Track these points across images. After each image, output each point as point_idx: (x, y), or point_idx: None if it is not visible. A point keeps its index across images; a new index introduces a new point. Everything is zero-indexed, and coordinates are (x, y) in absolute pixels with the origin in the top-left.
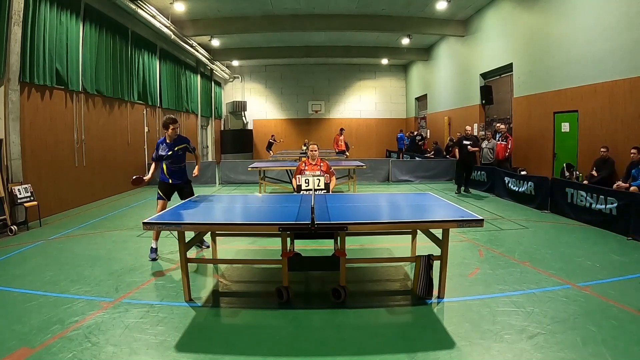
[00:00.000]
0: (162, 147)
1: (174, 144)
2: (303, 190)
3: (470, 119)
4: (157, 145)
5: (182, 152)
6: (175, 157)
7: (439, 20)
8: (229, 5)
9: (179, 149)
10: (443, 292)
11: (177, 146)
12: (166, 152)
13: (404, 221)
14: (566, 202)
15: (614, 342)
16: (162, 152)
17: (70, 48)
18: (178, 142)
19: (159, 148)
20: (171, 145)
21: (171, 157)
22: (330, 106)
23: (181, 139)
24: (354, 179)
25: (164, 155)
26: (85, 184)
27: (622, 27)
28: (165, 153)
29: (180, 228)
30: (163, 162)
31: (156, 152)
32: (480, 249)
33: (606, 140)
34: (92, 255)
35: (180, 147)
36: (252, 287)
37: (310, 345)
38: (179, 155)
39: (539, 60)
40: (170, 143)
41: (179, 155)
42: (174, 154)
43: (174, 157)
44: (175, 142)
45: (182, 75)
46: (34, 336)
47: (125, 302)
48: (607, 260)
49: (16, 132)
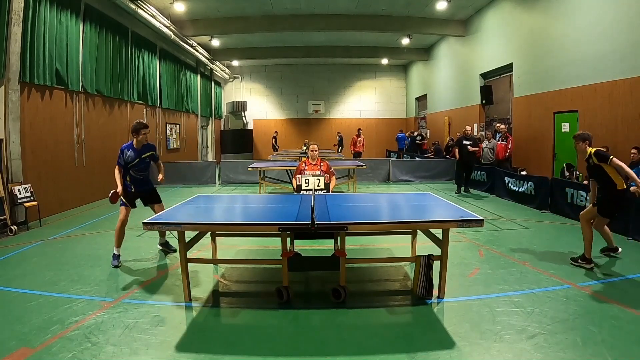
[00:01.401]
0: (128, 153)
1: (142, 151)
2: (303, 190)
3: (470, 119)
4: (121, 151)
5: (148, 159)
6: (142, 164)
7: (439, 20)
8: (229, 5)
9: (146, 156)
10: (443, 292)
11: (145, 154)
12: (133, 160)
13: (404, 221)
14: (566, 202)
15: (614, 342)
16: (128, 159)
17: (70, 48)
18: (146, 150)
19: (124, 154)
20: (139, 153)
21: (138, 165)
22: (330, 106)
23: (149, 146)
24: (354, 179)
25: (130, 163)
26: (85, 184)
27: (622, 27)
28: (131, 160)
29: (180, 228)
30: (129, 169)
31: (121, 158)
32: (480, 249)
33: (606, 140)
34: (92, 255)
35: (147, 154)
36: (252, 287)
37: (310, 345)
38: (146, 162)
39: (539, 60)
40: (138, 150)
41: (146, 162)
42: (141, 161)
43: (141, 165)
44: (143, 149)
45: (182, 75)
46: (34, 336)
47: (125, 302)
48: (607, 260)
49: (16, 132)
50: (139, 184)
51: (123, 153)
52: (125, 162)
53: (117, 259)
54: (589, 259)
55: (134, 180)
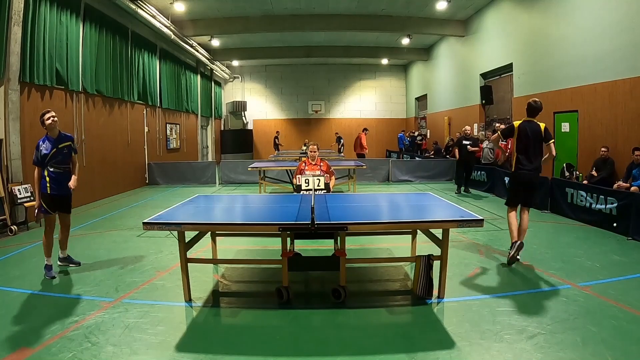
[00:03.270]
0: (43, 145)
1: (58, 141)
2: (303, 190)
3: (470, 119)
4: (37, 146)
5: (67, 150)
6: (60, 156)
7: (439, 20)
8: (229, 5)
9: (63, 146)
10: (443, 292)
11: (62, 143)
12: (49, 151)
13: (404, 221)
14: (566, 202)
15: (614, 342)
16: (44, 150)
17: (70, 48)
18: (63, 139)
19: (40, 148)
20: (55, 142)
21: (55, 157)
22: (330, 106)
23: (66, 136)
24: (354, 179)
25: (47, 155)
26: (85, 184)
27: (622, 28)
28: (48, 152)
29: (180, 228)
30: (46, 166)
31: (37, 154)
32: (480, 249)
33: (606, 140)
34: (92, 255)
35: (64, 144)
36: (252, 287)
37: (310, 345)
38: (64, 154)
39: (539, 60)
40: (54, 139)
41: (64, 154)
42: (59, 152)
43: (58, 157)
44: (60, 138)
45: (182, 75)
46: (34, 336)
47: (125, 302)
48: (607, 260)
49: (16, 132)
50: (59, 182)
51: (38, 148)
52: (42, 158)
53: (50, 269)
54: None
55: (54, 178)
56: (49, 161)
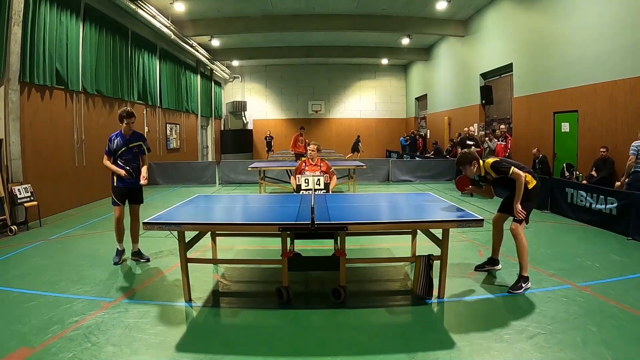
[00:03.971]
0: (115, 140)
1: (130, 140)
2: (303, 190)
3: (470, 119)
4: (110, 138)
5: (137, 150)
6: (130, 154)
7: (439, 20)
8: (229, 5)
9: (134, 146)
10: (443, 292)
11: (133, 143)
12: (120, 147)
13: (404, 221)
14: (566, 202)
15: (614, 342)
16: (115, 146)
17: (70, 48)
18: (135, 139)
19: (111, 141)
20: (127, 140)
21: (125, 155)
22: (330, 106)
23: (138, 136)
24: (354, 179)
25: (117, 150)
26: (85, 184)
27: (622, 28)
28: (119, 148)
29: (180, 228)
30: (117, 159)
31: (109, 146)
32: (480, 249)
33: (606, 140)
34: (92, 255)
35: (135, 144)
36: (252, 287)
37: (310, 345)
38: (134, 152)
39: (539, 60)
40: (126, 137)
41: (134, 153)
42: (129, 150)
43: (128, 155)
44: (132, 137)
45: (182, 75)
46: (34, 336)
47: (125, 302)
48: (607, 260)
49: (16, 132)
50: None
51: (111, 141)
52: (113, 150)
53: (118, 256)
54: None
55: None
56: (119, 157)
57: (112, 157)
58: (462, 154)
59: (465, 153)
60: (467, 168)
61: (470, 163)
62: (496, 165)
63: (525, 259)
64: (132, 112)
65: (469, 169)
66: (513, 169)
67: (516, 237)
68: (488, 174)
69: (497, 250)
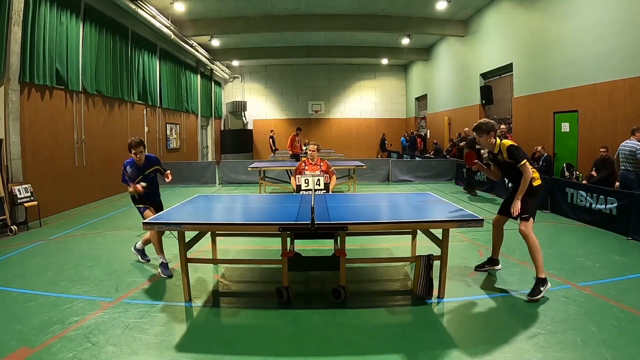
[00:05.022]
0: (130, 170)
1: (144, 168)
2: (303, 190)
3: (471, 119)
4: (124, 167)
5: (154, 174)
6: (147, 180)
7: (439, 20)
8: (229, 5)
9: (149, 172)
10: (443, 292)
11: (148, 169)
12: (136, 177)
13: (404, 221)
14: (566, 202)
15: (614, 342)
16: (131, 175)
17: (70, 48)
18: (148, 165)
19: (126, 170)
20: (141, 169)
21: (142, 182)
22: (330, 106)
23: (150, 162)
24: (354, 179)
25: (134, 180)
26: (85, 184)
27: (622, 28)
28: (135, 177)
29: (180, 228)
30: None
31: (125, 174)
32: (480, 249)
33: (606, 141)
34: (92, 255)
35: (150, 170)
36: (252, 287)
37: (310, 345)
38: (150, 178)
39: (539, 60)
40: (140, 166)
41: (151, 178)
42: (145, 178)
43: (146, 181)
44: (146, 164)
45: (182, 75)
46: (34, 336)
47: (125, 302)
48: (607, 260)
49: (16, 132)
50: (147, 196)
51: (125, 169)
52: (129, 179)
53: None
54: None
55: (141, 196)
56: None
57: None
58: (486, 121)
59: (489, 121)
60: (484, 137)
61: (488, 133)
62: (512, 149)
63: (540, 259)
64: (139, 141)
65: (485, 139)
66: (525, 162)
67: (526, 238)
68: (501, 153)
69: (497, 250)
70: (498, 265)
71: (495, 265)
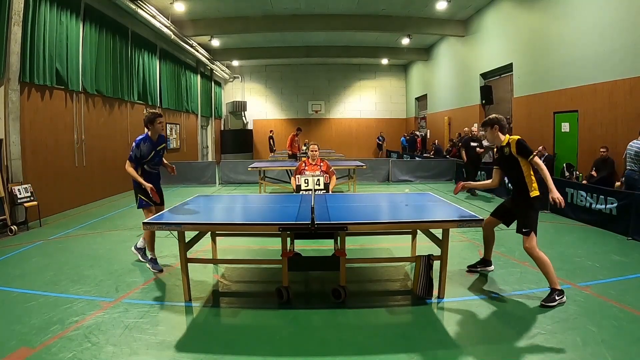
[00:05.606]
0: (144, 146)
1: (157, 143)
2: (303, 190)
3: (470, 119)
4: (137, 144)
5: (162, 151)
6: (157, 157)
7: (439, 20)
8: (229, 5)
9: (160, 148)
10: (443, 292)
11: (159, 146)
12: (149, 153)
13: (404, 221)
14: (566, 202)
15: (614, 342)
16: (144, 153)
17: (70, 48)
18: (161, 141)
19: (139, 148)
20: (155, 144)
21: (153, 159)
22: (330, 106)
23: (162, 138)
24: (354, 179)
25: (146, 156)
26: (85, 184)
27: (622, 28)
28: (147, 154)
29: (180, 228)
30: (142, 165)
31: (138, 153)
32: (480, 249)
33: (606, 140)
34: (92, 255)
35: (161, 146)
36: (252, 287)
37: (310, 345)
38: (160, 155)
39: (539, 60)
40: (154, 142)
41: (160, 155)
42: (156, 154)
43: (156, 159)
44: (158, 140)
45: (182, 75)
46: (34, 336)
47: (125, 302)
48: (607, 260)
49: (16, 132)
50: (153, 180)
51: (139, 147)
52: (140, 157)
53: (156, 263)
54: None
55: (148, 176)
56: (146, 162)
57: (137, 163)
58: (493, 115)
59: (496, 116)
60: (488, 130)
61: (492, 126)
62: (523, 142)
63: (551, 273)
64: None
65: (490, 132)
66: (536, 157)
67: (532, 255)
68: (508, 146)
69: (490, 251)
70: (491, 267)
71: (487, 266)
